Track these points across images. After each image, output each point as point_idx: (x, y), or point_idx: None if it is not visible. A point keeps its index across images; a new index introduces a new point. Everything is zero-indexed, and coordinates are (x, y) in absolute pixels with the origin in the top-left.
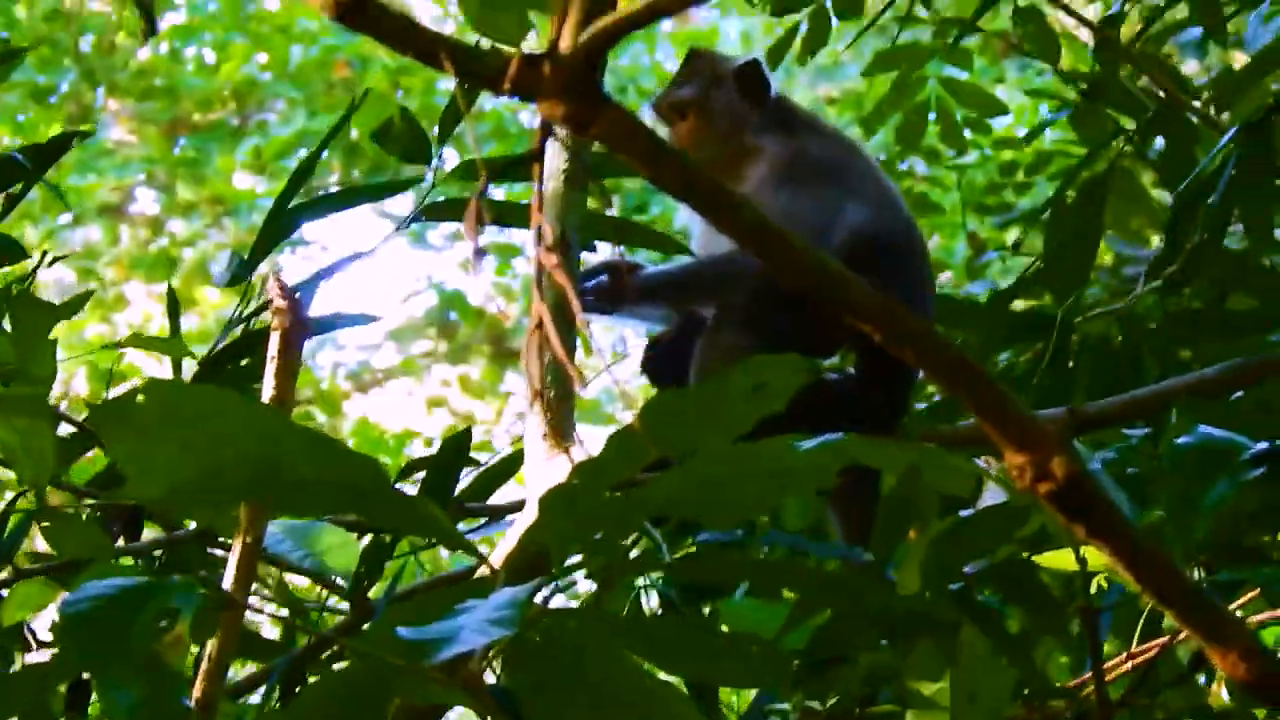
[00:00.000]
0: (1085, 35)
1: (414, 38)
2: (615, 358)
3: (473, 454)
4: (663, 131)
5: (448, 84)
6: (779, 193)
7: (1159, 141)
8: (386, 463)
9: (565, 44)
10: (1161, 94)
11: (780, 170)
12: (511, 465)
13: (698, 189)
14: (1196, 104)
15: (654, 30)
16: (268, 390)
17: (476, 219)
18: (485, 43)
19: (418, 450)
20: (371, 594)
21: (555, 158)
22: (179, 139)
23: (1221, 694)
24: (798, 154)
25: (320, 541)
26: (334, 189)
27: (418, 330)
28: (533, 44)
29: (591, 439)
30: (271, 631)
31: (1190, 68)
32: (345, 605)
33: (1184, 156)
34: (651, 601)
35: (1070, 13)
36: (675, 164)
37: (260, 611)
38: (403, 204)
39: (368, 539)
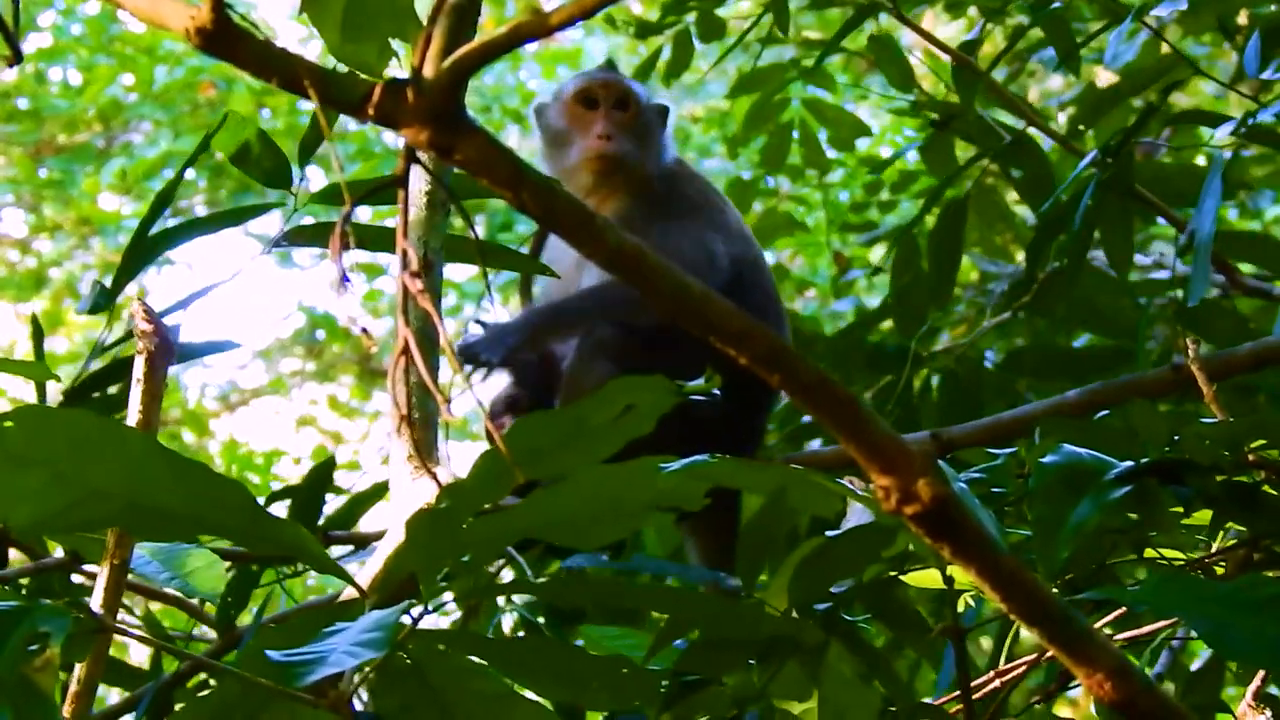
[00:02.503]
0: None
1: (277, 65)
2: (472, 376)
3: (340, 472)
4: (559, 117)
5: (311, 105)
6: (651, 226)
7: None
8: (255, 482)
9: (429, 70)
10: (1017, 119)
11: (658, 203)
12: (378, 490)
13: (560, 213)
14: (1060, 121)
15: (518, 49)
16: (133, 415)
17: (341, 244)
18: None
19: (286, 469)
20: (238, 622)
21: (419, 180)
22: (45, 160)
23: (1090, 709)
24: (673, 189)
25: (186, 564)
26: (200, 209)
27: (285, 349)
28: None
29: (460, 456)
30: (141, 655)
31: (1055, 82)
32: (212, 634)
33: (1042, 185)
34: (512, 626)
35: (927, 37)
36: (537, 189)
37: (129, 634)
38: (269, 223)
39: (234, 570)
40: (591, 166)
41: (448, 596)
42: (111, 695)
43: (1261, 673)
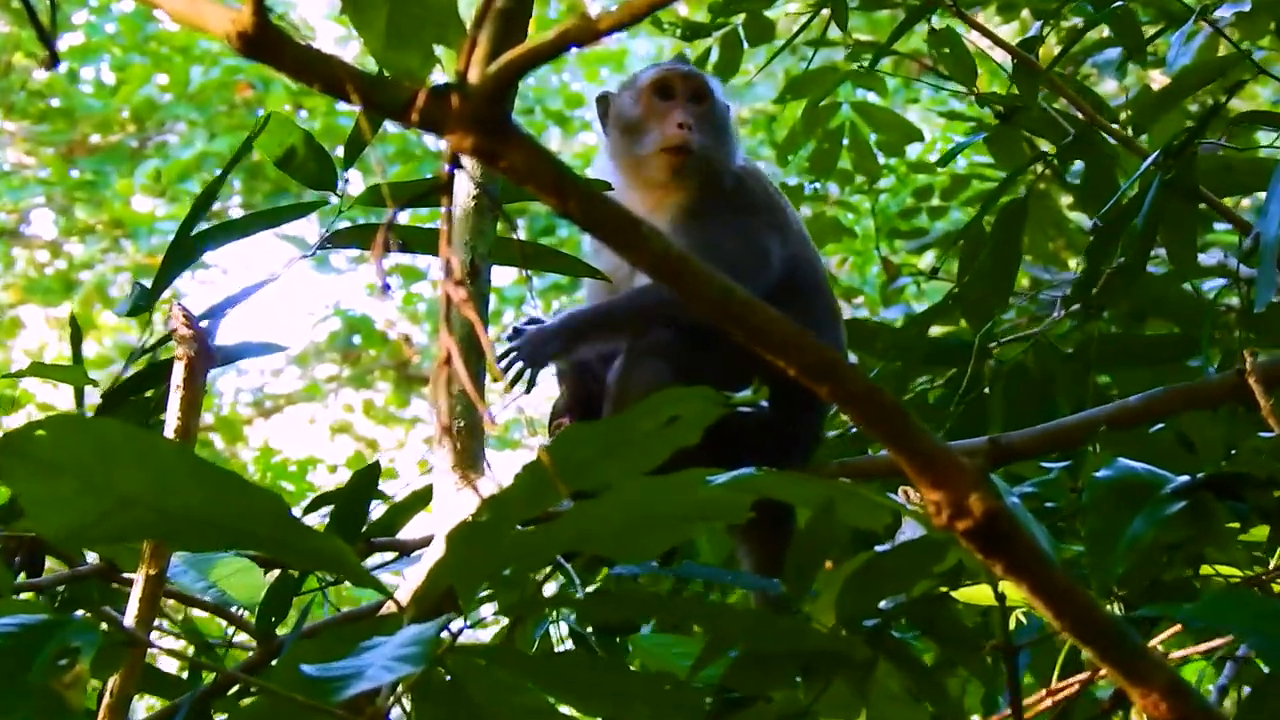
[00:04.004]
0: (1002, 55)
1: (319, 70)
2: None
3: (379, 480)
4: (633, 106)
5: (350, 106)
6: (711, 223)
7: (1077, 164)
8: (289, 490)
9: (474, 75)
10: (1080, 116)
11: (723, 198)
12: (420, 498)
13: (605, 220)
14: (1115, 126)
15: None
16: (171, 422)
17: (384, 247)
18: None
19: (321, 477)
20: (279, 630)
21: (463, 185)
22: (77, 161)
23: None
24: (740, 186)
25: (223, 572)
26: (235, 211)
27: (321, 354)
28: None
29: (502, 466)
30: (173, 665)
31: (1108, 87)
32: (252, 642)
33: (1104, 180)
34: (562, 634)
35: (987, 34)
36: (582, 196)
37: (163, 650)
38: (304, 226)
39: (274, 574)
40: (666, 158)
41: (491, 609)
42: (139, 707)
43: None
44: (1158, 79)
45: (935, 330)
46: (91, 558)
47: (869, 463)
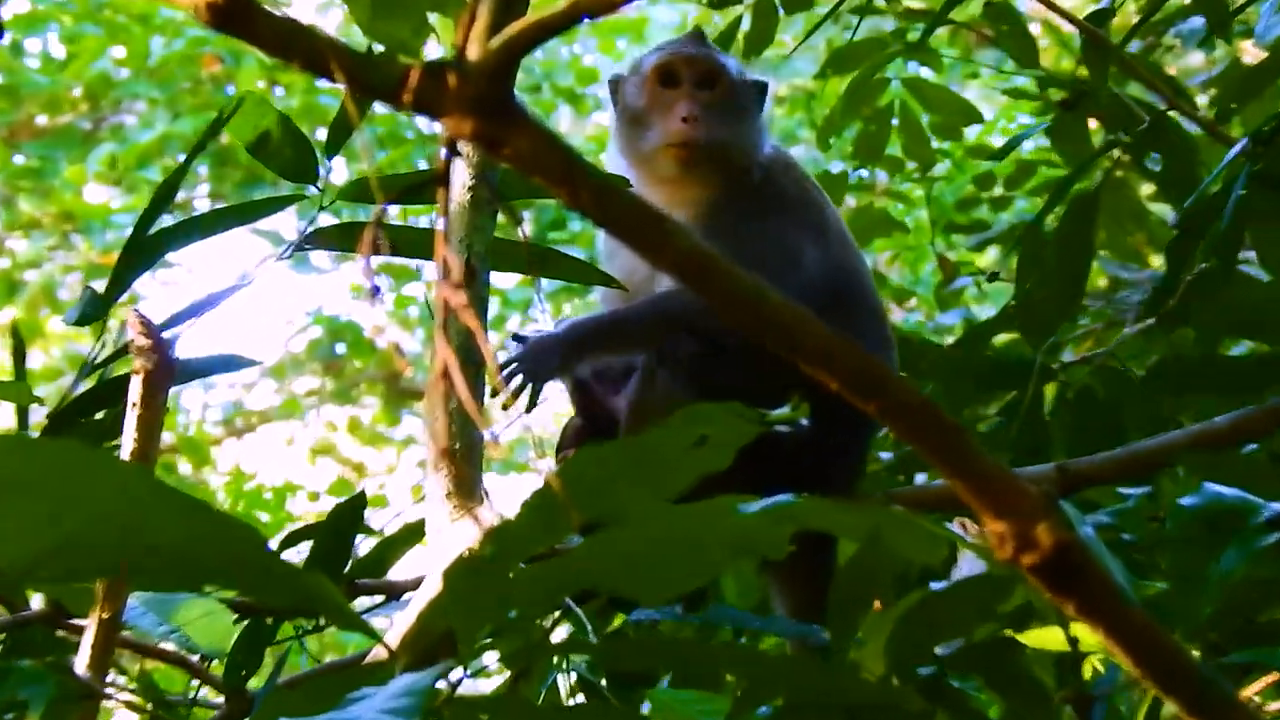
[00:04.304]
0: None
1: (300, 45)
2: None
3: (366, 511)
4: (637, 96)
5: (333, 84)
6: (735, 221)
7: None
8: (264, 520)
9: (473, 51)
10: (1157, 99)
11: (750, 196)
12: (413, 532)
13: (623, 216)
14: (1202, 104)
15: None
16: (128, 444)
17: (372, 247)
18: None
19: (301, 505)
20: (251, 684)
21: (460, 176)
22: (21, 146)
23: None
24: (769, 181)
25: (187, 615)
26: (202, 204)
27: (300, 365)
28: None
29: (503, 494)
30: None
31: (1195, 59)
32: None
33: (1184, 173)
34: (572, 685)
35: (1050, 5)
36: (596, 186)
37: (120, 703)
38: (281, 220)
39: (245, 623)
40: (672, 154)
41: (493, 656)
42: None
43: None
44: (1252, 52)
45: (997, 339)
46: (37, 601)
47: (922, 491)
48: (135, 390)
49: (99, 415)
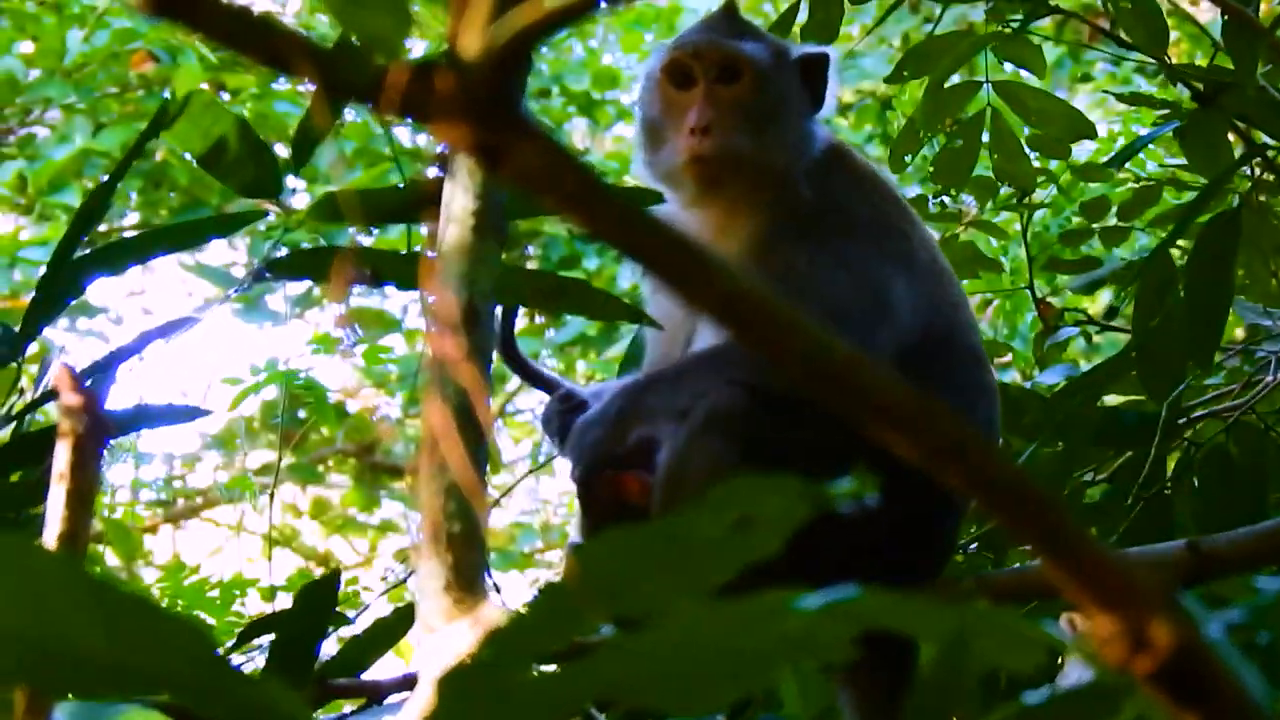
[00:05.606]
0: (1209, 13)
1: (255, 36)
2: (534, 466)
3: (338, 610)
4: (652, 102)
5: (297, 85)
6: (798, 251)
7: None
8: (211, 624)
9: (470, 45)
10: None
11: (804, 215)
12: (397, 624)
13: (651, 245)
14: None
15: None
16: (54, 526)
17: (348, 278)
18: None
19: (253, 605)
20: None
21: (456, 196)
22: None
23: None
24: (828, 193)
25: None
26: (132, 233)
27: (253, 435)
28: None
29: (507, 590)
30: None
31: None
32: None
33: None
34: None
35: None
36: (617, 210)
37: None
38: (229, 253)
39: None
40: (689, 173)
41: None
42: None
43: None
44: None
45: (1111, 399)
46: None
47: (1018, 578)
48: (62, 458)
49: (13, 478)
